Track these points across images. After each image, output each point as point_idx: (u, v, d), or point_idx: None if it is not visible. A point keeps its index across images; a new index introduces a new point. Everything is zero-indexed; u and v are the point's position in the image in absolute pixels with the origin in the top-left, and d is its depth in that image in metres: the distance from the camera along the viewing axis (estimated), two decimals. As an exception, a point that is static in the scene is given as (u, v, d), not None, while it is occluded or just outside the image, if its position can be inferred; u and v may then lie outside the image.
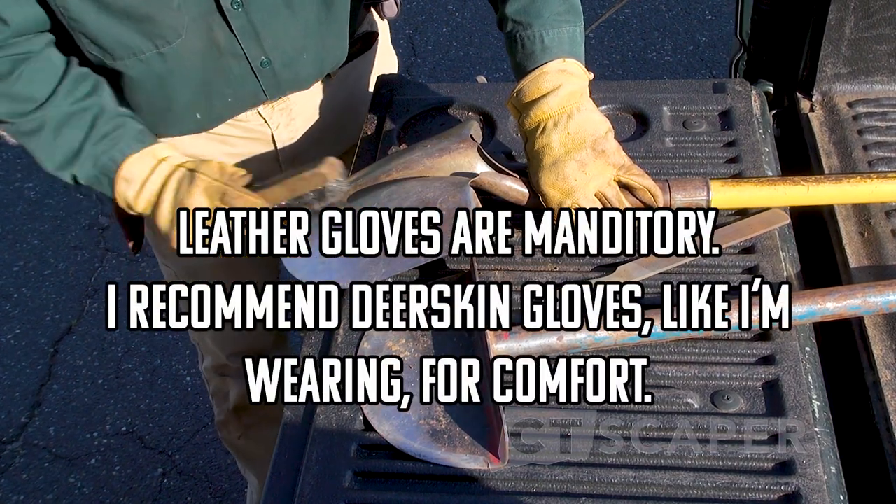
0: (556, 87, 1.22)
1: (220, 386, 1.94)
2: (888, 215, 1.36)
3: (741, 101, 1.49)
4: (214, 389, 1.97)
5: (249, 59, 1.38)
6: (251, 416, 1.97)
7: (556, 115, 1.21)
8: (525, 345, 1.10)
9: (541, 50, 1.25)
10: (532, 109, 1.23)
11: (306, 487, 1.02)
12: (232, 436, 2.03)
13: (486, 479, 1.01)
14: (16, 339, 2.95)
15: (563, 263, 1.25)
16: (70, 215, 3.35)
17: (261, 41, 1.36)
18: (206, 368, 1.94)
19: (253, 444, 2.03)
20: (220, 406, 1.98)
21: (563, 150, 1.21)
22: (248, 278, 1.72)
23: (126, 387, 2.78)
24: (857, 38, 1.56)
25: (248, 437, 2.01)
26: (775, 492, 0.97)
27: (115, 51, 1.28)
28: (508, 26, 1.28)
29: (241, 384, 1.90)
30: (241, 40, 1.35)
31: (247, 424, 1.98)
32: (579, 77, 1.24)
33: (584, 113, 1.22)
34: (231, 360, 1.85)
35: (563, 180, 1.21)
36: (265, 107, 1.51)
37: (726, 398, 1.07)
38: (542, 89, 1.23)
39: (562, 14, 1.26)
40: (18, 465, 2.61)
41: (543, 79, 1.23)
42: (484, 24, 4.00)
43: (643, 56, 3.80)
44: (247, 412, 1.95)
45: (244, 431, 2.00)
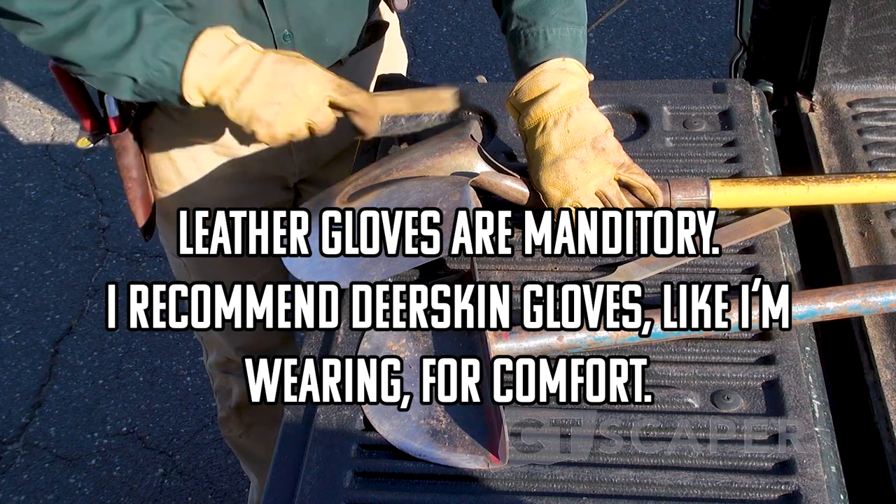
0: (556, 86, 1.22)
1: (224, 383, 1.94)
2: (888, 215, 1.36)
3: (741, 100, 1.49)
4: (218, 386, 1.97)
5: (273, 29, 1.38)
6: (253, 414, 1.97)
7: (556, 113, 1.21)
8: (525, 345, 1.10)
9: (543, 46, 1.24)
10: (531, 108, 1.23)
11: (306, 487, 1.02)
12: (233, 433, 2.03)
13: (486, 479, 1.01)
14: (16, 339, 2.95)
15: (564, 263, 1.25)
16: (70, 215, 3.35)
17: (287, 13, 1.37)
18: (211, 364, 1.93)
19: (254, 442, 2.03)
20: (222, 403, 1.98)
21: (563, 149, 1.21)
22: (259, 274, 1.73)
23: (126, 387, 2.78)
24: (857, 38, 1.56)
25: (250, 435, 2.01)
26: (775, 492, 0.97)
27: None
28: (513, 24, 1.28)
29: (243, 382, 1.90)
30: (267, 9, 1.35)
31: (248, 423, 1.99)
32: (579, 76, 1.24)
33: (583, 112, 1.22)
34: (237, 353, 1.85)
35: (563, 179, 1.21)
36: None
37: (726, 398, 1.07)
38: (542, 87, 1.23)
39: (567, 14, 1.27)
40: (19, 465, 2.61)
41: (543, 77, 1.23)
42: (484, 24, 4.00)
43: (643, 56, 3.80)
44: (249, 410, 1.96)
45: (245, 430, 2.00)
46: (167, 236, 1.72)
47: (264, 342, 1.85)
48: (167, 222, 1.66)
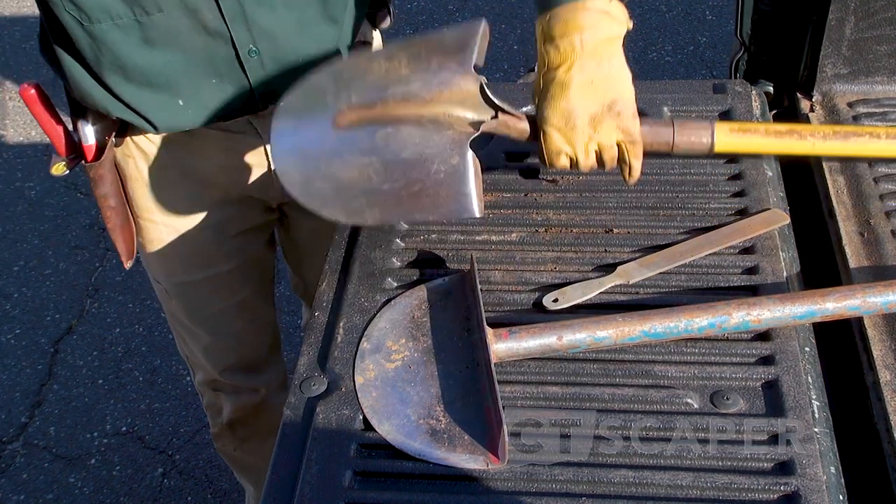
0: (595, 26, 1.13)
1: (214, 400, 1.91)
2: (888, 216, 1.36)
3: (741, 101, 1.49)
4: (208, 403, 1.94)
5: (237, 45, 1.32)
6: (246, 429, 1.95)
7: (586, 58, 1.14)
8: (525, 345, 1.10)
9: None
10: (563, 41, 1.14)
11: (306, 487, 1.02)
12: (227, 447, 2.01)
13: (486, 479, 1.01)
14: (16, 339, 2.95)
15: (563, 263, 1.25)
16: (70, 215, 3.35)
17: (249, 26, 1.31)
18: (199, 383, 1.91)
19: (248, 455, 2.01)
20: (213, 419, 1.96)
21: (580, 98, 1.15)
22: (240, 297, 1.72)
23: (126, 387, 2.79)
24: (857, 39, 1.56)
25: (244, 448, 1.99)
26: (775, 492, 0.97)
27: (91, 11, 1.23)
28: None
29: (234, 399, 1.88)
30: (228, 23, 1.29)
31: (241, 437, 1.96)
32: (620, 24, 1.16)
33: (613, 67, 1.16)
34: (224, 377, 1.83)
35: (570, 128, 1.16)
36: (256, 118, 1.46)
37: (726, 398, 1.07)
38: (580, 24, 1.13)
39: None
40: (18, 464, 2.61)
41: (585, 13, 1.12)
42: (484, 24, 4.00)
43: (643, 56, 3.80)
44: (241, 425, 1.93)
45: (239, 444, 1.98)
46: (149, 262, 1.68)
47: (247, 358, 1.83)
48: (148, 249, 1.63)
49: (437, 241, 1.31)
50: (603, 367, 1.11)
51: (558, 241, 1.29)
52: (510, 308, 1.20)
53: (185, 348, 1.85)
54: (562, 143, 1.18)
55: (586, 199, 1.35)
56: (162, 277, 1.69)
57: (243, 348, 1.82)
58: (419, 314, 1.19)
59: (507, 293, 1.22)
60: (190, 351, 1.84)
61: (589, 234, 1.30)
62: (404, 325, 1.18)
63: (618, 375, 1.10)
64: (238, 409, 1.89)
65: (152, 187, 1.54)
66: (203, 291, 1.68)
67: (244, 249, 1.68)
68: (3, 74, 3.97)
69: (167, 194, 1.55)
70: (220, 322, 1.75)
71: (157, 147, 1.49)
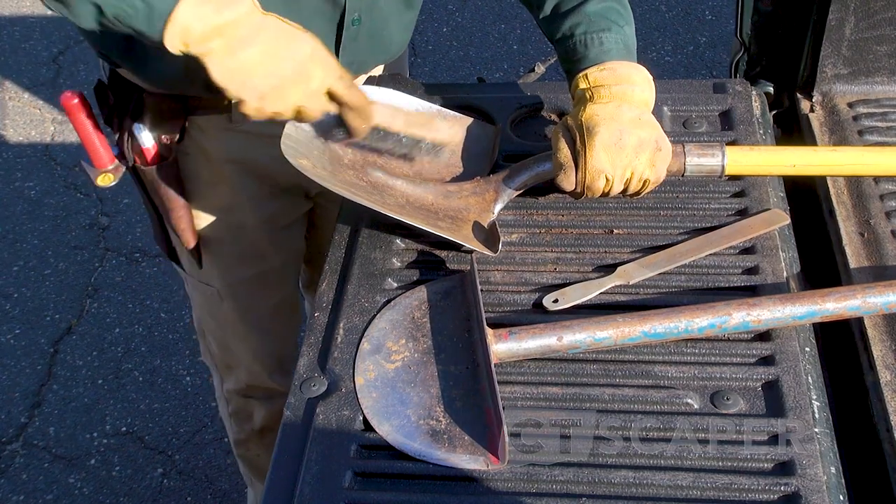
0: (643, 84, 1.26)
1: (243, 406, 1.89)
2: (888, 216, 1.36)
3: (741, 101, 1.49)
4: (235, 409, 1.91)
5: (347, 10, 1.32)
6: (275, 434, 1.94)
7: (636, 103, 1.24)
8: (525, 345, 1.10)
9: (621, 48, 1.28)
10: (614, 88, 1.24)
11: (306, 487, 1.02)
12: (251, 453, 2.00)
13: (485, 479, 1.01)
14: (16, 339, 2.95)
15: (563, 264, 1.25)
16: (70, 215, 3.35)
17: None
18: (228, 391, 1.88)
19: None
20: (241, 426, 1.94)
21: (630, 125, 1.21)
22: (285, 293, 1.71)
23: (126, 387, 2.78)
24: (857, 39, 1.56)
25: (269, 455, 1.99)
26: (775, 492, 0.97)
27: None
28: (598, 23, 1.30)
29: (267, 405, 1.86)
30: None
31: (268, 443, 1.94)
32: (652, 94, 1.29)
33: (653, 119, 1.25)
34: (273, 379, 1.80)
35: (618, 147, 1.20)
36: None
37: (726, 398, 1.07)
38: (632, 79, 1.25)
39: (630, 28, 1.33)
40: (18, 465, 2.61)
41: (637, 72, 1.26)
42: (484, 24, 4.00)
43: (643, 56, 3.77)
44: (271, 431, 1.91)
45: (265, 450, 1.96)
46: (205, 263, 1.63)
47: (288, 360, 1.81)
48: (206, 248, 1.61)
49: (437, 241, 1.31)
50: (603, 368, 1.11)
51: (558, 241, 1.29)
52: (510, 309, 1.20)
53: (226, 355, 1.81)
54: (605, 164, 1.21)
55: (586, 200, 1.35)
56: (216, 278, 1.65)
57: (287, 348, 1.81)
58: (419, 315, 1.19)
59: (507, 294, 1.22)
60: (231, 357, 1.80)
61: (589, 234, 1.30)
62: (404, 325, 1.18)
63: (618, 376, 1.10)
64: (270, 415, 1.87)
65: (212, 184, 1.53)
66: (255, 288, 1.67)
67: (290, 242, 1.69)
68: (2, 74, 3.97)
69: (225, 189, 1.54)
70: (270, 321, 1.75)
71: (216, 142, 1.48)
